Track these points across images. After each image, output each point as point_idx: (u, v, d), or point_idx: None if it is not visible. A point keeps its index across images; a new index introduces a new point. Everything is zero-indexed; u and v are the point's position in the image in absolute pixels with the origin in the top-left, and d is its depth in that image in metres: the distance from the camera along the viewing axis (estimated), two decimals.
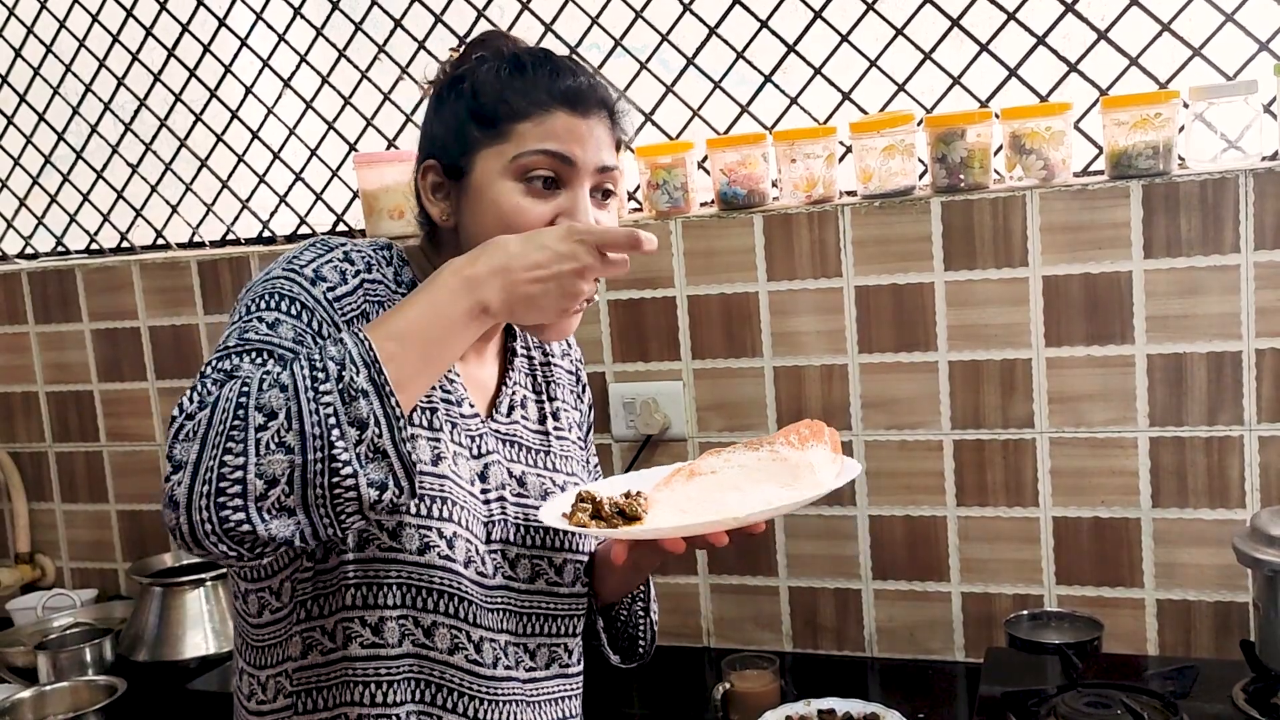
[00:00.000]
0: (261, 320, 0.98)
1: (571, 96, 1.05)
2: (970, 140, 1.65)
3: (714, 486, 1.05)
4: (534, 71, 1.06)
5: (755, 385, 1.80)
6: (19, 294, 2.29)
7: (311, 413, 0.86)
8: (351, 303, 1.03)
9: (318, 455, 0.86)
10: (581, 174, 1.06)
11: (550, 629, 1.15)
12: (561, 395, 1.24)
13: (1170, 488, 1.62)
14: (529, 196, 1.05)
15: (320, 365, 0.88)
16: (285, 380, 0.87)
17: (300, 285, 1.01)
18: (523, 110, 1.05)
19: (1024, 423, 1.67)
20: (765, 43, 1.85)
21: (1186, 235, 1.56)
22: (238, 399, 0.87)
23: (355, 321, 1.03)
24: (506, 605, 1.11)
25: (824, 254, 1.73)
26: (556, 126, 1.04)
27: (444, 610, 1.06)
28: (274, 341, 0.96)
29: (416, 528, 1.04)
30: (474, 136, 1.06)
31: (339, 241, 1.08)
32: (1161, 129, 1.56)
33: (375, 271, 1.07)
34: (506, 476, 1.14)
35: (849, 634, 1.81)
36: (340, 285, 1.03)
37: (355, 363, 0.88)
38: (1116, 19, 1.67)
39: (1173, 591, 1.63)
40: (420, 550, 1.04)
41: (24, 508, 2.33)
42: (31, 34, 2.34)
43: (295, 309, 1.00)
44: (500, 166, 1.05)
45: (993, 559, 1.72)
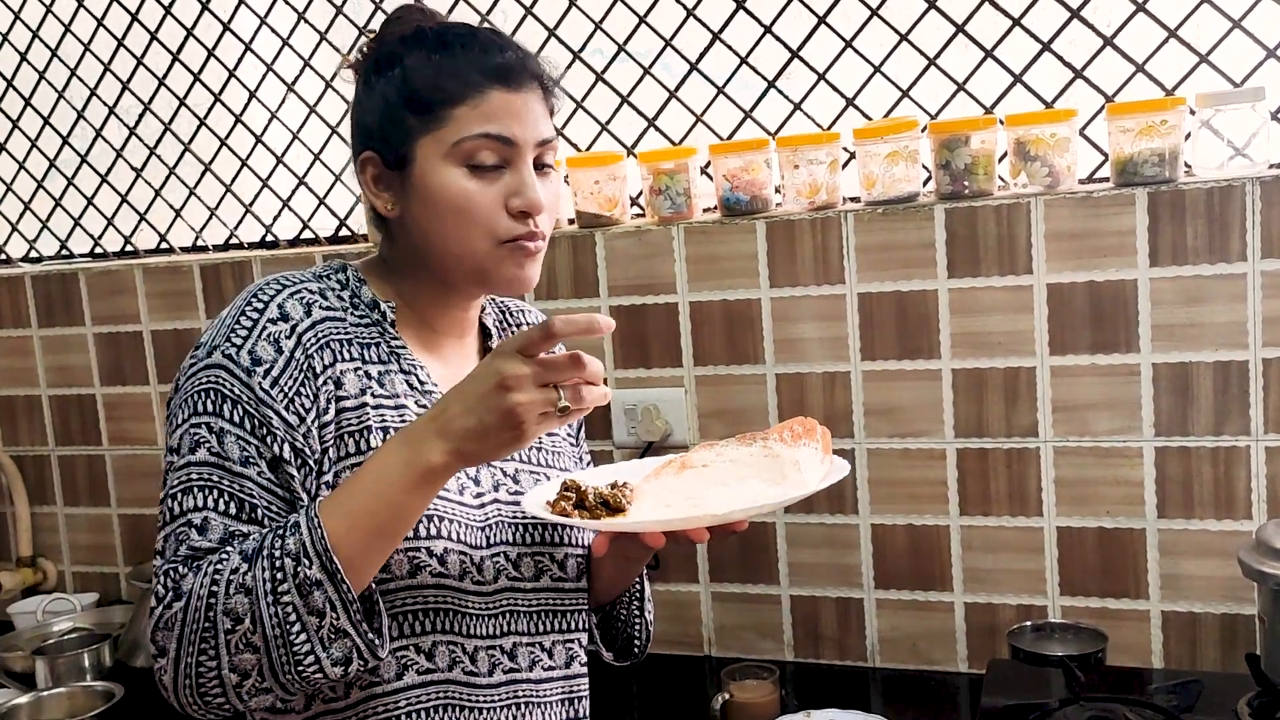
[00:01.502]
0: (210, 431, 1.00)
1: (504, 73, 1.05)
2: (975, 147, 1.64)
3: (701, 480, 1.05)
4: (463, 51, 1.06)
5: (757, 392, 1.79)
6: (22, 297, 2.29)
7: (271, 615, 0.93)
8: (299, 359, 1.03)
9: (280, 652, 0.93)
10: (523, 151, 1.05)
11: (563, 625, 1.16)
12: None
13: (1176, 498, 1.60)
14: (474, 180, 1.04)
15: (279, 562, 0.93)
16: (249, 582, 0.93)
17: (238, 379, 1.01)
18: (458, 93, 1.04)
19: (1028, 432, 1.65)
20: (769, 48, 1.84)
21: (1193, 243, 1.55)
22: (207, 599, 0.94)
23: (318, 355, 1.04)
24: (514, 607, 1.11)
25: (827, 260, 1.72)
26: (493, 106, 1.04)
27: (442, 628, 1.06)
28: (225, 472, 1.00)
29: (404, 552, 1.03)
30: (410, 124, 1.05)
31: (274, 290, 1.06)
32: (1167, 136, 1.55)
33: (327, 302, 1.07)
34: (501, 476, 1.14)
35: (851, 644, 1.79)
36: (278, 359, 1.02)
37: (308, 554, 0.93)
38: (1123, 25, 1.65)
39: (1178, 603, 1.62)
40: (411, 573, 1.04)
41: (26, 511, 2.33)
42: (37, 37, 2.34)
43: (238, 414, 1.01)
44: (441, 153, 1.04)
45: (996, 569, 1.70)
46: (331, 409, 1.04)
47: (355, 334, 1.08)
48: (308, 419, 1.03)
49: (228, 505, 1.00)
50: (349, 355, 1.06)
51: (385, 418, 1.06)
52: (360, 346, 1.08)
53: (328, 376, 1.04)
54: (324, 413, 1.03)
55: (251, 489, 1.00)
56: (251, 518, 1.00)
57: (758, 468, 1.05)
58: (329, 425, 1.04)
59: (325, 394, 1.04)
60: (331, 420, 1.04)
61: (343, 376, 1.05)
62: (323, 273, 1.12)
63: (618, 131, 1.96)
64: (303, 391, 1.03)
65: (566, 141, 1.99)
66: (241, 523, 1.00)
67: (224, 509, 1.00)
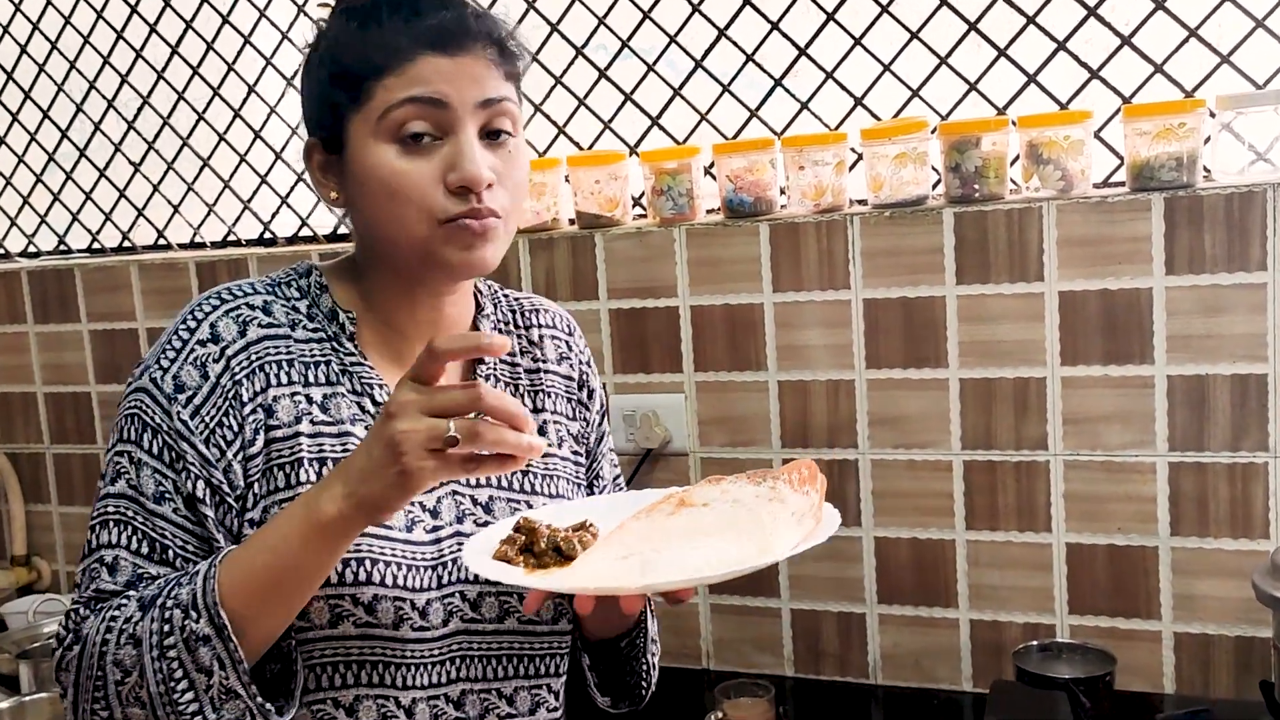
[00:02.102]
0: (130, 461, 0.96)
1: (436, 36, 0.94)
2: (985, 149, 1.59)
3: (682, 529, 0.93)
4: (390, 18, 0.95)
5: (759, 400, 1.74)
6: (18, 293, 2.26)
7: (156, 670, 0.88)
8: (225, 385, 0.97)
9: (166, 710, 0.89)
10: (460, 114, 0.94)
11: (529, 670, 1.06)
12: (552, 406, 1.13)
13: (1190, 516, 1.54)
14: (406, 157, 0.94)
15: (169, 613, 0.89)
16: (138, 633, 0.89)
17: (160, 406, 0.96)
18: (383, 63, 0.94)
19: (1037, 444, 1.60)
20: (776, 46, 1.79)
21: (1211, 251, 1.49)
22: (100, 647, 0.90)
23: (248, 381, 0.97)
24: (466, 652, 1.02)
25: (832, 265, 1.67)
26: (422, 71, 0.93)
27: (368, 681, 0.97)
28: (139, 508, 0.95)
29: (325, 599, 0.95)
30: (339, 102, 0.96)
31: (210, 307, 1.00)
32: (1186, 139, 1.49)
33: (270, 318, 1.00)
34: (470, 505, 1.04)
35: (852, 660, 1.74)
36: (202, 387, 0.96)
37: (197, 607, 0.88)
38: (1141, 24, 1.60)
39: (1191, 625, 1.56)
40: (333, 622, 0.96)
41: (20, 510, 2.30)
42: (37, 30, 2.32)
43: (157, 445, 0.96)
44: (370, 130, 0.95)
45: (1003, 586, 1.65)
46: (260, 439, 0.97)
47: (300, 353, 1.00)
48: (229, 453, 0.96)
49: (139, 544, 0.94)
50: (286, 379, 0.99)
51: (324, 447, 0.98)
52: (304, 366, 1.00)
53: (257, 404, 0.97)
54: (250, 444, 0.97)
55: (164, 528, 0.95)
56: (163, 558, 0.94)
57: (754, 515, 0.93)
58: (256, 457, 0.97)
59: (253, 423, 0.97)
60: (260, 452, 0.97)
61: (275, 403, 0.98)
62: (282, 279, 1.05)
63: (620, 130, 1.91)
64: (225, 422, 0.96)
65: (568, 139, 1.95)
66: (152, 563, 0.94)
67: (135, 548, 0.94)
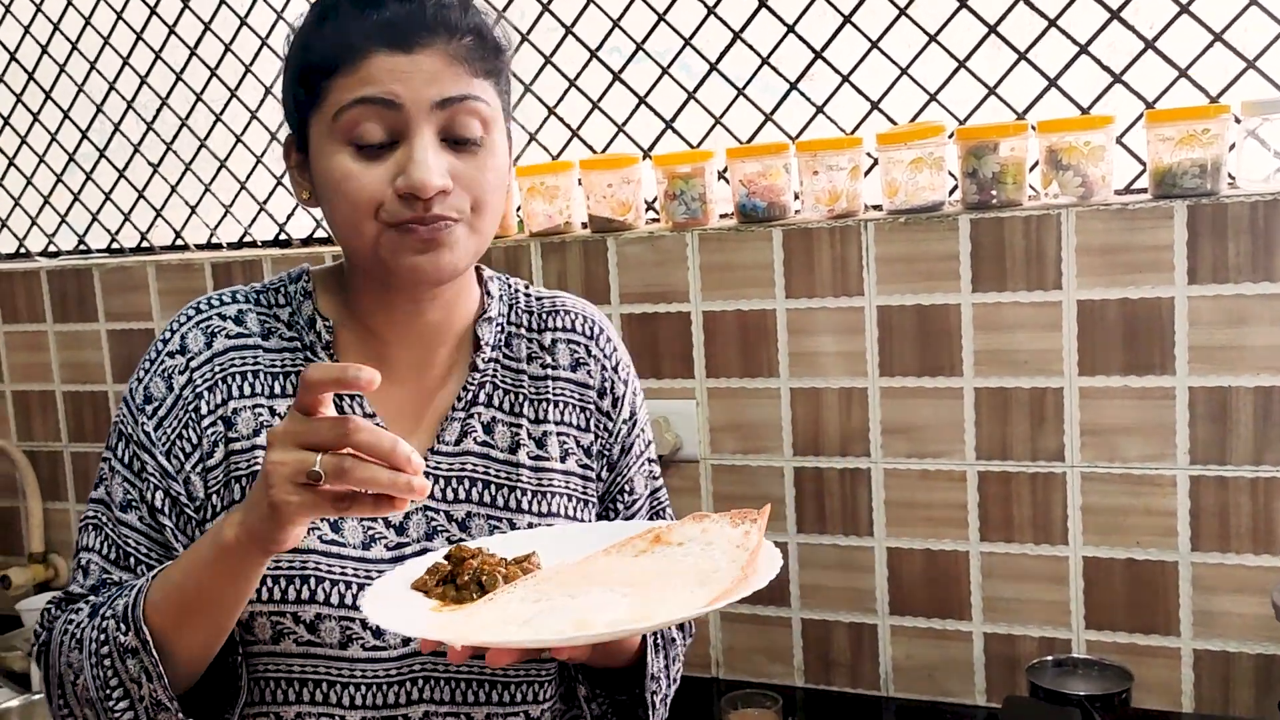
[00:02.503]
0: (109, 469, 0.99)
1: (389, 31, 0.89)
2: (1004, 154, 1.56)
3: (620, 575, 0.87)
4: (341, 14, 0.91)
5: (771, 407, 1.72)
6: (38, 292, 2.28)
7: (95, 676, 0.90)
8: (186, 398, 0.98)
9: (104, 714, 0.90)
10: (414, 114, 0.89)
11: (503, 697, 1.00)
12: (558, 416, 1.06)
13: (1211, 530, 1.51)
14: (359, 160, 0.90)
15: (105, 623, 0.90)
16: (82, 638, 0.91)
17: (132, 416, 0.99)
18: (337, 60, 0.90)
19: (1054, 455, 1.57)
20: (791, 48, 1.77)
21: (1234, 260, 1.45)
22: (57, 648, 0.93)
23: (209, 393, 0.98)
24: (430, 673, 0.98)
25: (845, 271, 1.65)
26: (374, 70, 0.89)
27: (310, 699, 0.96)
28: (109, 515, 0.98)
29: (267, 615, 0.94)
30: (301, 102, 0.94)
31: (185, 318, 1.01)
32: (1210, 146, 1.46)
33: (241, 328, 1.00)
34: (444, 521, 1.00)
35: (864, 671, 1.72)
36: (166, 399, 0.98)
37: (125, 619, 0.89)
38: (1165, 28, 1.56)
39: (1211, 642, 1.52)
40: (274, 639, 0.95)
41: (39, 507, 2.32)
42: (58, 30, 2.33)
43: (128, 454, 0.99)
44: (327, 130, 0.91)
45: (1018, 599, 1.62)
46: (219, 451, 0.97)
47: (269, 363, 0.99)
48: (187, 465, 0.97)
49: (108, 550, 0.98)
50: (250, 390, 0.98)
51: None
52: (270, 378, 0.99)
53: (217, 416, 0.98)
54: (209, 456, 0.97)
55: (128, 535, 0.97)
56: (126, 564, 0.97)
57: (714, 562, 0.88)
58: (216, 469, 0.97)
59: (211, 435, 0.97)
60: (219, 463, 0.97)
61: (235, 416, 0.97)
62: (272, 285, 1.04)
63: (634, 133, 1.89)
64: (185, 434, 0.97)
65: (581, 143, 1.93)
66: (117, 568, 0.97)
67: (104, 553, 0.98)
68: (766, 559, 0.87)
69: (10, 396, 2.33)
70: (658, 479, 1.16)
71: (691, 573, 0.86)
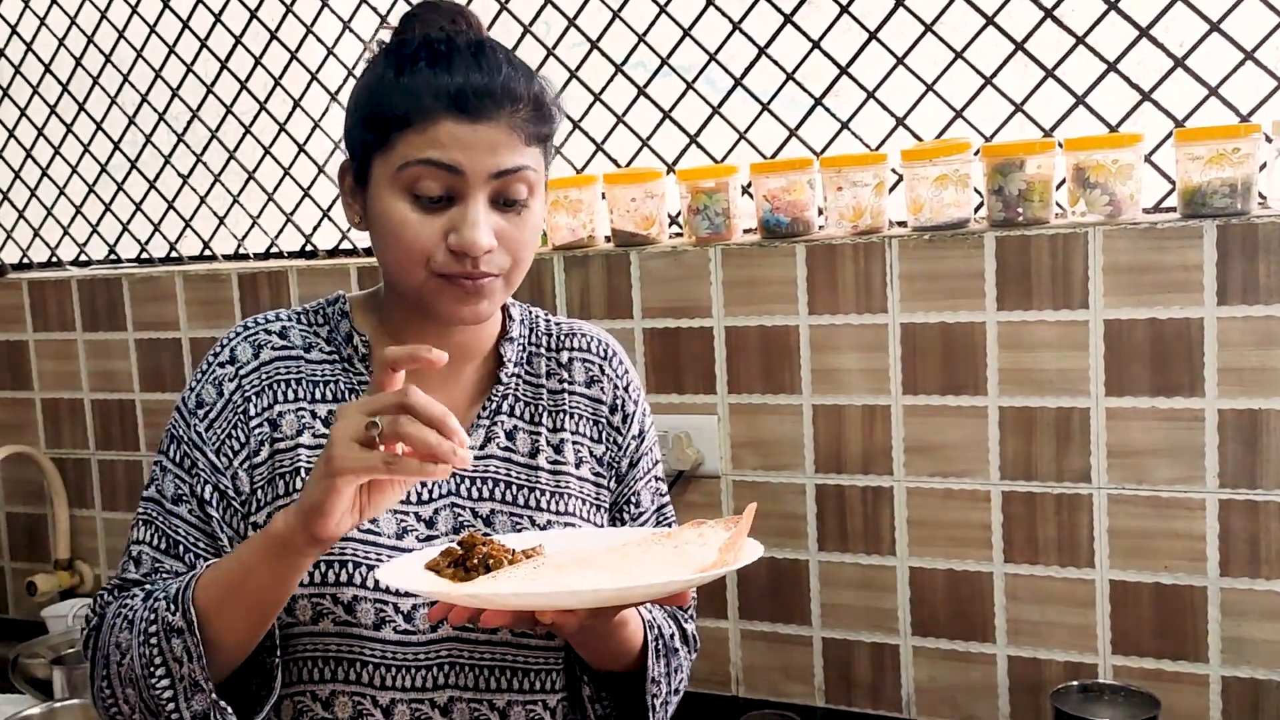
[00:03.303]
0: (161, 470, 1.06)
1: (460, 100, 0.97)
2: (1030, 172, 1.55)
3: (615, 562, 0.93)
4: (417, 70, 0.98)
5: (793, 423, 1.71)
6: (68, 301, 2.30)
7: (141, 654, 0.96)
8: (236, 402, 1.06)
9: (147, 693, 0.96)
10: (472, 183, 0.98)
11: (523, 684, 1.07)
12: (573, 426, 1.15)
13: (1240, 555, 1.48)
14: (417, 211, 0.99)
15: (156, 604, 0.96)
16: (134, 618, 0.98)
17: (185, 421, 1.06)
18: (406, 117, 0.98)
19: (1080, 476, 1.55)
20: (816, 64, 1.76)
21: (1265, 281, 1.43)
22: (109, 630, 0.99)
23: (257, 398, 1.06)
24: (456, 659, 1.05)
25: (869, 288, 1.64)
26: (441, 135, 0.97)
27: (344, 678, 1.03)
28: (161, 509, 1.05)
29: (308, 598, 1.02)
30: (366, 141, 1.02)
31: (234, 334, 1.09)
32: (1240, 165, 1.44)
33: (286, 341, 1.08)
34: (470, 517, 1.08)
35: (885, 692, 1.70)
36: (217, 403, 1.06)
37: (175, 600, 0.95)
38: (1195, 46, 1.54)
39: (1240, 669, 1.49)
40: (314, 619, 1.02)
41: (65, 514, 2.34)
42: (92, 43, 2.36)
43: (179, 454, 1.06)
44: (389, 176, 1.00)
45: (1043, 622, 1.59)
46: (264, 450, 1.05)
47: (310, 373, 1.08)
48: (235, 461, 1.05)
49: (159, 541, 1.04)
50: (294, 395, 1.07)
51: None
52: (312, 385, 1.08)
53: (264, 418, 1.06)
54: (255, 454, 1.05)
55: (179, 526, 1.04)
56: (176, 553, 1.04)
57: (703, 553, 0.93)
58: (261, 466, 1.05)
59: (258, 436, 1.06)
60: (264, 461, 1.05)
61: (280, 418, 1.06)
62: (311, 308, 1.13)
63: (658, 147, 1.89)
64: (234, 434, 1.05)
65: (606, 156, 1.93)
66: (169, 558, 1.03)
67: (156, 544, 1.04)
68: (748, 546, 0.94)
69: (39, 404, 2.35)
70: (665, 496, 1.23)
71: (679, 555, 0.93)
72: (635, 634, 1.05)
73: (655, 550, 0.95)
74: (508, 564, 0.94)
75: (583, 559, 0.94)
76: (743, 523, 0.95)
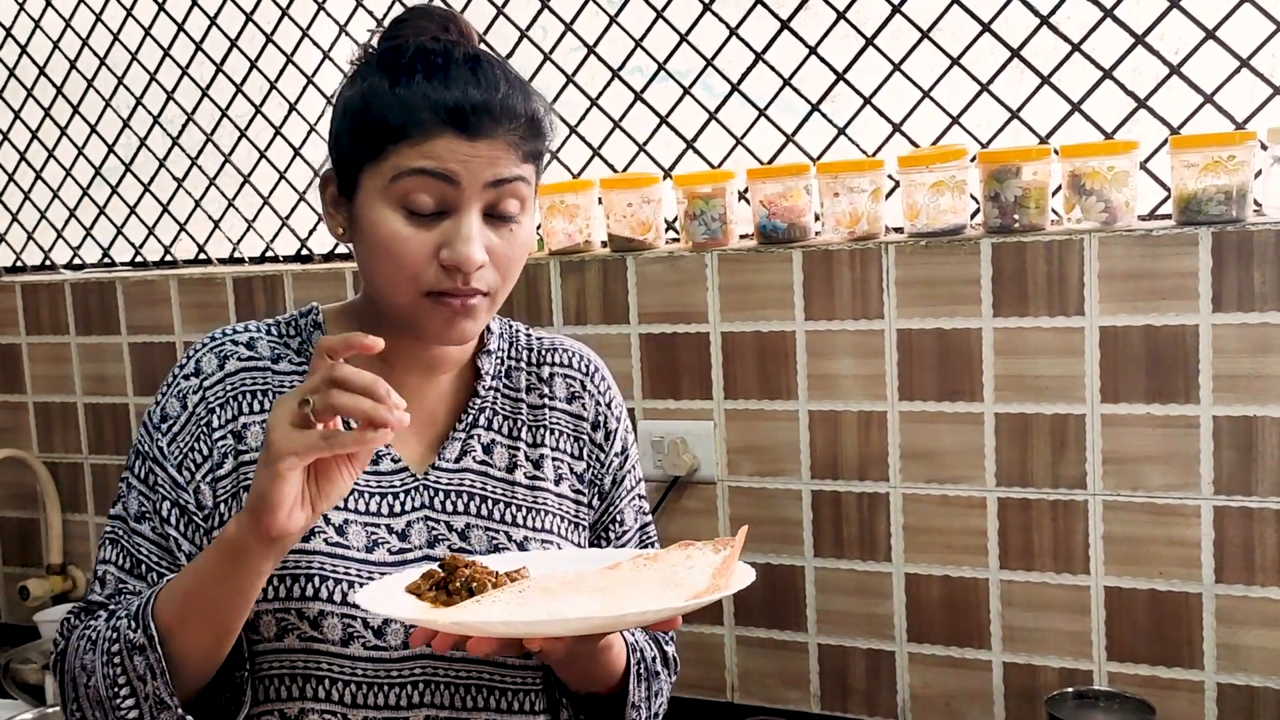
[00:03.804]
0: (127, 486, 1.04)
1: (458, 115, 0.95)
2: (1026, 178, 1.55)
3: (599, 584, 0.91)
4: (415, 82, 0.96)
5: (789, 429, 1.71)
6: (62, 305, 2.29)
7: (104, 675, 0.94)
8: (199, 415, 1.04)
9: (114, 714, 0.94)
10: (467, 194, 0.96)
11: (502, 704, 1.05)
12: (553, 442, 1.13)
13: (1236, 562, 1.48)
14: (409, 225, 0.96)
15: (118, 622, 0.95)
16: (96, 637, 0.96)
17: (149, 436, 1.04)
18: (400, 130, 0.95)
19: (1075, 483, 1.55)
20: (813, 70, 1.76)
21: (1260, 288, 1.44)
22: (73, 653, 0.98)
23: (220, 410, 1.04)
24: (431, 677, 1.02)
25: (865, 294, 1.64)
26: (438, 149, 0.95)
27: (314, 695, 1.00)
28: (126, 528, 1.03)
29: (272, 613, 0.99)
30: (358, 153, 0.99)
31: (201, 345, 1.08)
32: (1235, 172, 1.44)
33: (253, 353, 1.06)
34: (445, 531, 1.05)
35: (881, 698, 1.70)
36: (180, 416, 1.04)
37: (136, 617, 0.94)
38: (1190, 53, 1.55)
39: (1235, 676, 1.50)
40: (279, 635, 0.99)
41: (58, 518, 2.33)
42: (86, 46, 2.36)
43: (144, 470, 1.04)
44: (380, 188, 0.97)
45: (1038, 628, 1.59)
46: (229, 462, 1.03)
47: (278, 383, 1.06)
48: (197, 475, 1.02)
49: (124, 560, 1.02)
50: (261, 407, 1.05)
51: None
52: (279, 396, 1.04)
53: (228, 430, 1.04)
54: (218, 466, 1.03)
55: (141, 544, 1.02)
56: (138, 573, 1.03)
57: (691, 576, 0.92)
58: (225, 479, 1.03)
59: (222, 448, 1.03)
60: (229, 474, 1.03)
61: (245, 430, 1.04)
62: (283, 320, 1.11)
63: (655, 153, 1.89)
64: (196, 447, 1.03)
65: (603, 161, 1.93)
66: (132, 578, 1.02)
67: (121, 563, 1.02)
68: (740, 571, 0.93)
69: (32, 408, 2.35)
70: (647, 514, 1.22)
71: (667, 582, 0.91)
72: (619, 657, 1.04)
73: (645, 574, 0.93)
74: (491, 587, 0.91)
75: (570, 582, 0.92)
76: (734, 547, 0.94)
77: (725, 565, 0.90)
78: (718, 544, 0.98)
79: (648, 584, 0.91)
